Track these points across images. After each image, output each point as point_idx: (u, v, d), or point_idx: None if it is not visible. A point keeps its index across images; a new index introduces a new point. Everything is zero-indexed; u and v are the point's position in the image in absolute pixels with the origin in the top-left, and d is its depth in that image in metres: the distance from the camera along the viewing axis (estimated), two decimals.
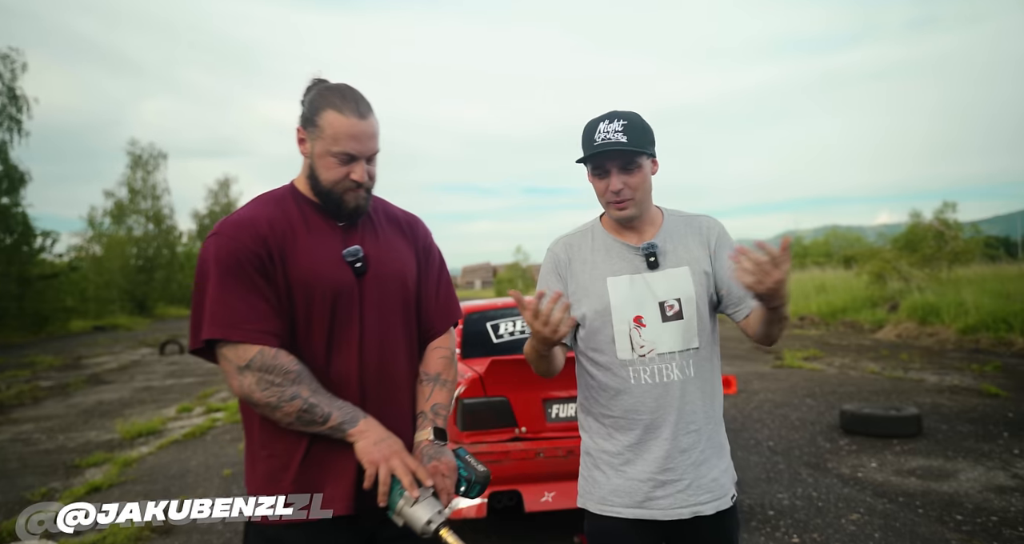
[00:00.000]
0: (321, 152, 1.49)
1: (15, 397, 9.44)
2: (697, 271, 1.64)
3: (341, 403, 1.44)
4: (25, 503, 4.59)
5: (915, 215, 18.79)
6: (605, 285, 1.65)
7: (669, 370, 1.61)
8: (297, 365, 1.43)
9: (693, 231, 1.70)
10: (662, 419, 1.61)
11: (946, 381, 8.01)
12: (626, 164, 1.60)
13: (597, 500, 1.67)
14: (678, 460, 1.61)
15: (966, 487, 4.28)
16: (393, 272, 1.59)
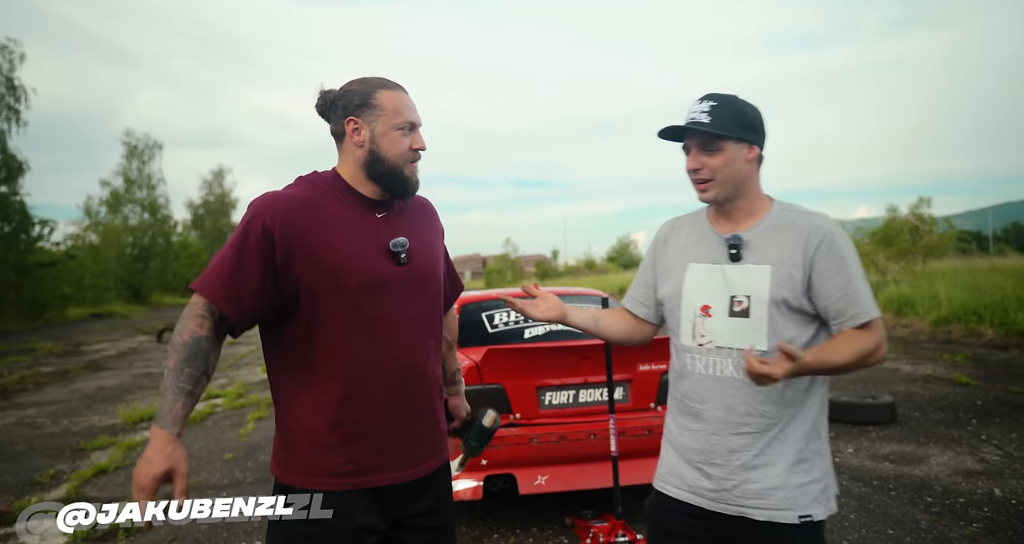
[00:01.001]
0: (384, 129, 1.58)
1: (18, 382, 9.59)
2: (781, 272, 1.55)
3: (172, 397, 1.42)
4: (35, 484, 4.77)
5: (892, 210, 19.04)
6: (685, 270, 1.67)
7: (724, 365, 1.58)
8: (191, 337, 1.46)
9: (795, 230, 1.58)
10: (710, 412, 1.60)
11: (920, 370, 8.24)
12: (705, 144, 1.58)
13: (658, 475, 1.73)
14: (726, 458, 1.58)
15: (936, 471, 4.49)
16: (431, 263, 1.69)
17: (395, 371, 1.59)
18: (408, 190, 1.64)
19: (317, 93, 1.65)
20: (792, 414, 1.57)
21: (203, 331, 1.47)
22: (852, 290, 1.54)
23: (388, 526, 1.62)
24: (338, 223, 1.57)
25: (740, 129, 1.58)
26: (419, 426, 1.65)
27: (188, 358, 1.44)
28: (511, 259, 53.17)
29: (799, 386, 1.58)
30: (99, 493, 4.51)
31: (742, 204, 1.64)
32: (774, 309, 1.55)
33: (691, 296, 1.64)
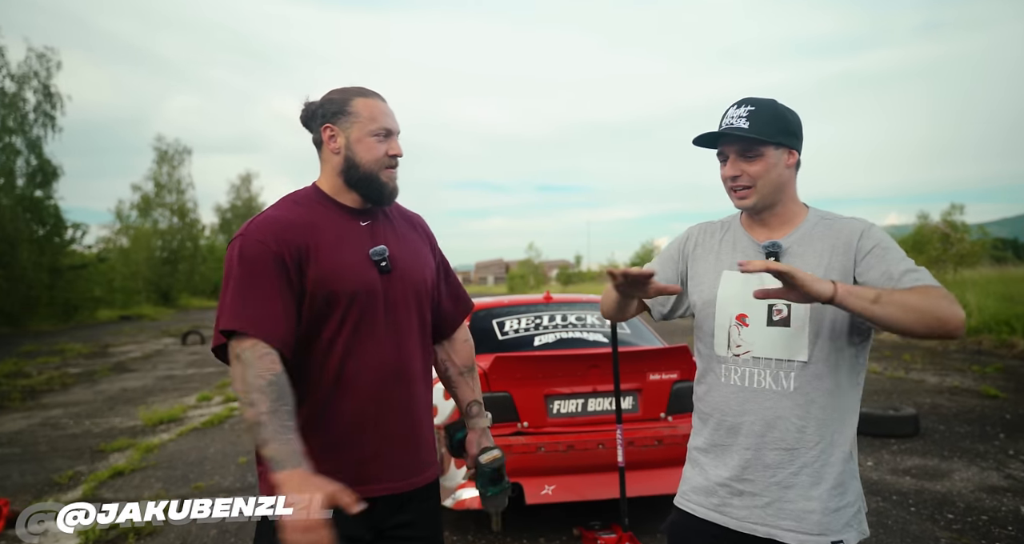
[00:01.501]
0: (359, 136, 1.60)
1: (45, 383, 9.81)
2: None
3: (286, 438, 1.39)
4: (53, 485, 4.85)
5: (923, 217, 18.62)
6: (719, 278, 1.60)
7: (762, 377, 1.51)
8: (273, 375, 1.42)
9: (833, 235, 1.52)
10: (744, 426, 1.52)
11: (947, 382, 8.03)
12: (744, 150, 1.53)
13: (680, 493, 1.66)
14: (759, 474, 1.50)
15: (959, 487, 4.36)
16: (415, 271, 1.68)
17: (382, 381, 1.59)
18: (384, 196, 1.64)
19: (302, 104, 1.67)
20: (833, 432, 1.49)
21: (278, 367, 1.44)
22: (905, 270, 1.42)
23: (372, 536, 1.61)
24: (324, 236, 1.58)
25: (780, 134, 1.53)
26: (407, 438, 1.63)
27: (279, 397, 1.41)
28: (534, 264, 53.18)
29: (842, 402, 1.50)
30: (114, 495, 4.57)
31: (779, 211, 1.58)
32: (817, 316, 1.47)
33: (726, 305, 1.57)
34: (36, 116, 24.83)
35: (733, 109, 1.56)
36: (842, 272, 1.48)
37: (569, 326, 4.28)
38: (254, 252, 1.51)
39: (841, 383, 1.49)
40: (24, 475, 5.12)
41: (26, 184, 24.25)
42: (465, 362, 1.87)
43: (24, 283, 22.01)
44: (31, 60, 24.76)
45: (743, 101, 1.56)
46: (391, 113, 1.66)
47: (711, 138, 1.58)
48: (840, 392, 1.49)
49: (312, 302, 1.53)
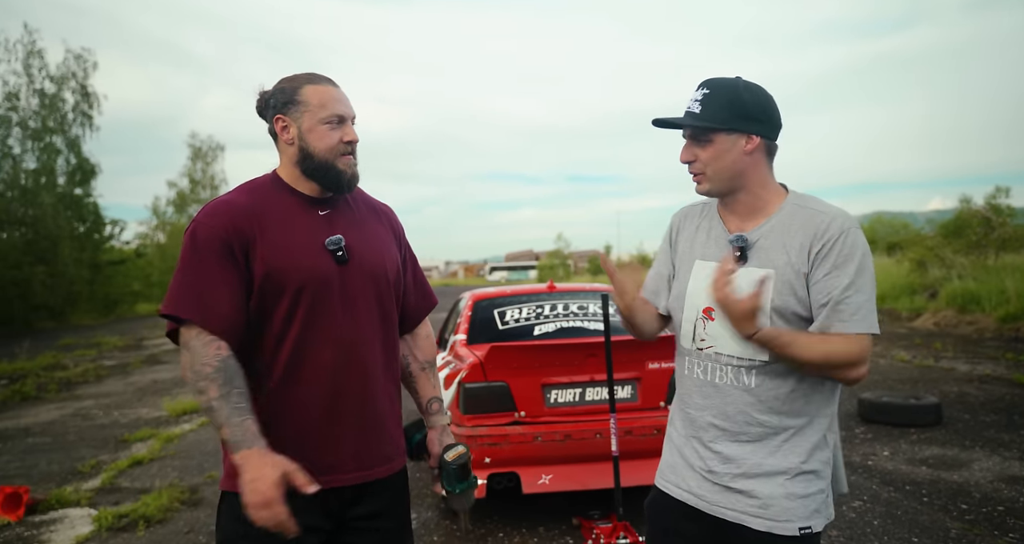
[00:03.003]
0: (310, 125, 1.57)
1: (81, 375, 10.15)
2: (783, 279, 1.43)
3: (239, 420, 1.41)
4: (76, 473, 5.03)
5: (965, 201, 17.93)
6: (691, 267, 1.58)
7: (724, 373, 1.50)
8: (219, 361, 1.44)
9: (805, 229, 1.45)
10: (706, 419, 1.52)
11: (977, 370, 7.76)
12: (696, 135, 1.50)
13: (659, 472, 1.67)
14: (722, 466, 1.50)
15: (977, 477, 4.22)
16: (375, 262, 1.65)
17: (336, 371, 1.58)
18: (343, 184, 1.62)
19: (257, 93, 1.66)
20: (799, 426, 1.46)
21: (224, 351, 1.46)
22: (846, 297, 1.38)
23: (332, 527, 1.61)
24: (278, 223, 1.57)
25: (733, 119, 1.46)
26: (363, 430, 1.62)
27: (228, 381, 1.43)
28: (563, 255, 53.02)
29: (808, 396, 1.46)
30: (131, 484, 4.72)
31: (744, 199, 1.52)
32: (776, 318, 1.43)
33: (694, 297, 1.54)
34: (75, 116, 25.54)
35: (693, 92, 1.52)
36: (803, 271, 1.43)
37: (571, 315, 4.26)
38: (202, 237, 1.51)
39: (806, 382, 1.46)
40: (51, 464, 5.31)
41: (66, 182, 25.02)
42: (427, 357, 1.87)
43: (66, 279, 22.74)
44: (69, 61, 25.46)
45: (702, 83, 1.51)
46: (343, 98, 1.62)
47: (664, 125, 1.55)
48: (804, 390, 1.46)
49: (261, 290, 1.53)
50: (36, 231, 22.63)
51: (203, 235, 1.51)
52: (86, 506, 4.25)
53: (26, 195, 23.14)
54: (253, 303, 1.54)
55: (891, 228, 31.34)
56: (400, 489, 1.74)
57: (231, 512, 1.54)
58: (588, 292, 4.61)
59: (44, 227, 22.49)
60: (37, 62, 24.57)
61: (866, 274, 1.41)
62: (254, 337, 1.55)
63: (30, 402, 8.23)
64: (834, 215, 1.45)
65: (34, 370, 10.55)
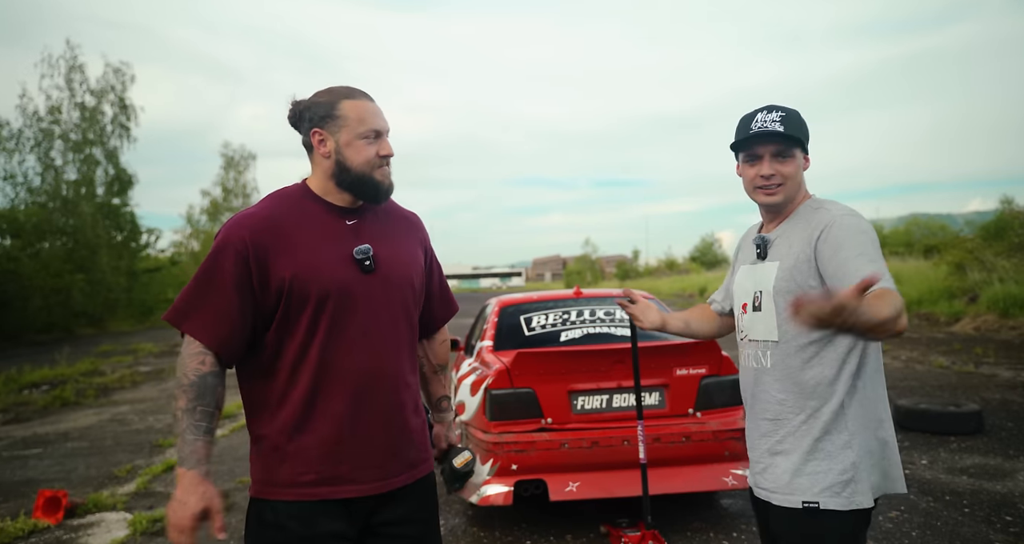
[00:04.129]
0: (348, 140, 1.59)
1: (117, 381, 10.39)
2: (785, 266, 1.63)
3: (192, 438, 1.47)
4: (113, 478, 5.14)
5: (1006, 202, 17.45)
6: (736, 271, 1.85)
7: (756, 357, 1.71)
8: (196, 376, 1.49)
9: (806, 224, 1.65)
10: (749, 401, 1.75)
11: (1021, 377, 7.51)
12: (781, 151, 1.66)
13: None
14: (758, 443, 1.70)
15: (1023, 487, 4.07)
16: (402, 272, 1.66)
17: (360, 380, 1.58)
18: (380, 194, 1.65)
19: (289, 104, 1.68)
20: (815, 406, 1.60)
21: (206, 367, 1.50)
22: (853, 265, 1.47)
23: (358, 533, 1.62)
24: (303, 234, 1.59)
25: (806, 139, 1.69)
26: (387, 438, 1.63)
27: (198, 396, 1.48)
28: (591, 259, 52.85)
29: (820, 378, 1.59)
30: (165, 488, 4.81)
31: (787, 207, 1.72)
32: (780, 301, 1.62)
33: (737, 295, 1.81)
34: (113, 128, 26.33)
35: (763, 114, 1.68)
36: (806, 258, 1.60)
37: (597, 321, 4.23)
38: (221, 248, 1.54)
39: (815, 361, 1.60)
40: (88, 468, 5.45)
41: (105, 193, 25.75)
42: (440, 361, 1.92)
43: (104, 286, 23.37)
44: (108, 75, 26.28)
45: (771, 107, 1.69)
46: (379, 113, 1.65)
47: (743, 142, 1.70)
48: (814, 368, 1.60)
49: (286, 299, 1.54)
50: (76, 240, 23.32)
51: (220, 248, 1.54)
52: (122, 510, 4.34)
53: (67, 205, 23.87)
54: (279, 311, 1.55)
55: (928, 230, 30.58)
56: (427, 494, 1.74)
57: (260, 518, 1.57)
58: (615, 298, 4.57)
59: (83, 236, 23.17)
60: (78, 76, 25.40)
61: (865, 244, 1.51)
62: (280, 344, 1.56)
63: (69, 407, 8.46)
64: (832, 208, 1.64)
65: (73, 376, 10.85)
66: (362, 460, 1.59)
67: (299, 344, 1.56)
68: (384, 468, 1.62)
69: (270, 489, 1.57)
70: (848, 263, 1.49)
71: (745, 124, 1.70)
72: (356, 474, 1.59)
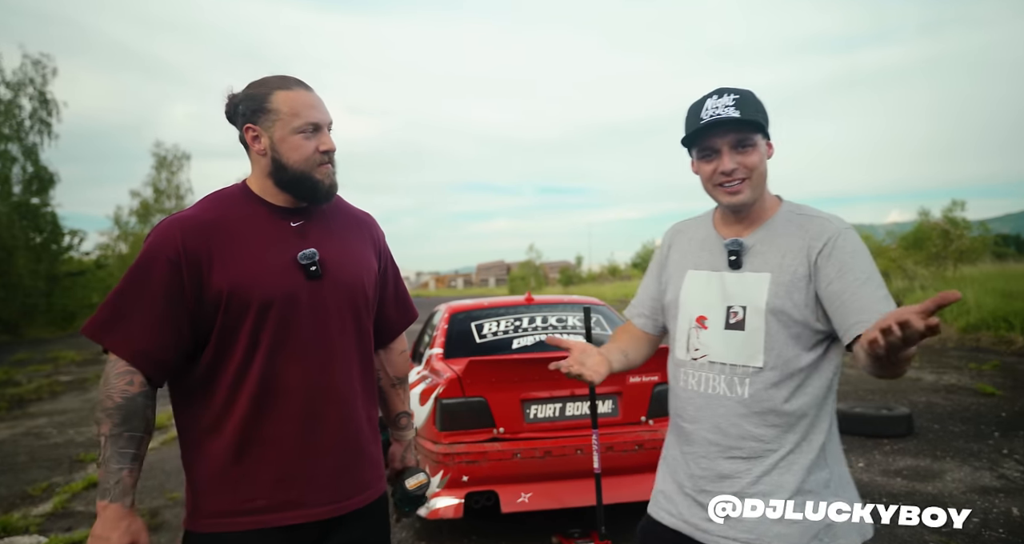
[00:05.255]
0: (283, 135, 1.47)
1: (34, 392, 9.71)
2: (780, 281, 1.40)
3: (117, 467, 1.35)
4: (26, 497, 4.76)
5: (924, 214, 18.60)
6: (683, 277, 1.54)
7: (716, 382, 1.44)
8: (122, 398, 1.36)
9: (800, 233, 1.43)
10: (700, 433, 1.46)
11: (943, 380, 7.91)
12: (740, 141, 1.42)
13: (652, 497, 1.59)
14: (717, 484, 1.44)
15: (951, 488, 4.25)
16: (352, 276, 1.55)
17: (308, 397, 1.47)
18: (320, 194, 1.52)
19: (225, 97, 1.55)
20: (794, 441, 1.40)
21: (134, 388, 1.37)
22: (858, 295, 1.33)
23: None
24: (243, 238, 1.47)
25: (766, 122, 1.44)
26: (339, 458, 1.52)
27: (124, 420, 1.35)
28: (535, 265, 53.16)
29: (804, 410, 1.40)
30: (86, 508, 4.48)
31: (758, 206, 1.48)
32: (772, 321, 1.39)
33: (688, 306, 1.51)
34: (32, 123, 24.80)
35: (713, 100, 1.44)
36: (803, 274, 1.39)
37: (549, 328, 4.19)
38: (150, 255, 1.41)
39: (801, 392, 1.40)
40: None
41: (22, 191, 24.23)
42: (398, 374, 1.79)
43: (21, 291, 21.96)
44: (26, 67, 24.75)
45: (723, 90, 1.45)
46: (318, 104, 1.51)
47: (694, 136, 1.47)
48: (800, 399, 1.40)
49: (225, 310, 1.42)
50: None
51: (148, 255, 1.41)
52: (35, 533, 4.02)
53: None
54: (217, 324, 1.43)
55: None
56: (379, 517, 1.64)
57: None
58: (567, 305, 4.55)
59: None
60: None
61: (868, 268, 1.38)
62: (218, 361, 1.44)
63: None
64: (828, 218, 1.44)
65: None
66: (312, 482, 1.48)
67: (239, 360, 1.43)
68: (336, 490, 1.51)
69: (209, 521, 1.45)
70: (861, 290, 1.33)
71: (695, 113, 1.46)
72: (306, 498, 1.48)
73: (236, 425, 1.43)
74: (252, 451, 1.44)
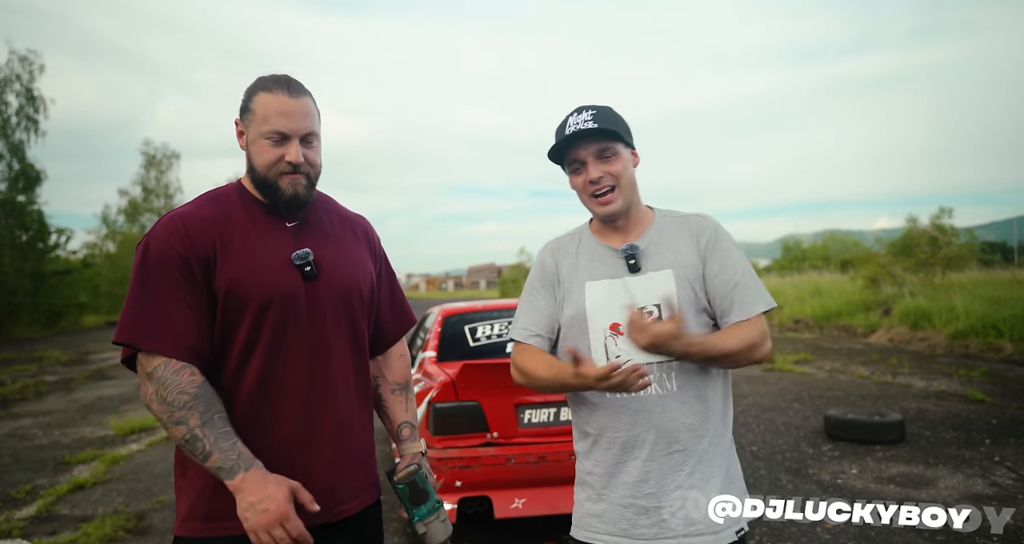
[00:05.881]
0: (254, 136, 1.45)
1: (19, 392, 9.57)
2: (682, 275, 1.51)
3: (228, 445, 1.34)
4: (9, 500, 4.68)
5: (912, 220, 18.82)
6: (584, 290, 1.56)
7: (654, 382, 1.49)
8: (196, 388, 1.34)
9: (684, 231, 1.57)
10: (639, 437, 1.49)
11: (933, 386, 7.95)
12: (602, 151, 1.53)
13: (579, 523, 1.57)
14: (660, 484, 1.47)
15: (944, 495, 4.25)
16: (347, 277, 1.54)
17: (305, 397, 1.45)
18: (280, 204, 1.48)
19: None
20: (716, 424, 1.52)
21: (199, 377, 1.36)
22: (740, 284, 1.52)
23: None
24: (240, 236, 1.45)
25: (625, 133, 1.56)
26: (333, 462, 1.49)
27: (208, 407, 1.34)
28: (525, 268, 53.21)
29: (720, 393, 1.54)
30: (71, 511, 4.40)
31: (633, 214, 1.60)
32: (685, 312, 1.48)
33: (596, 316, 1.53)
34: (18, 120, 24.56)
35: (574, 117, 1.55)
36: (696, 266, 1.53)
37: None
38: (156, 255, 1.38)
39: (712, 375, 1.53)
40: None
41: (8, 189, 23.96)
42: (398, 379, 1.73)
43: (6, 289, 21.72)
44: (13, 63, 24.52)
45: (581, 108, 1.56)
46: (294, 112, 1.44)
47: (560, 151, 1.57)
48: (713, 380, 1.53)
49: (223, 308, 1.40)
50: None
51: (157, 253, 1.38)
52: (18, 537, 3.93)
53: None
54: (216, 322, 1.41)
55: (843, 245, 32.38)
56: (372, 525, 1.61)
57: None
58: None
59: None
60: None
61: (743, 259, 1.56)
62: (215, 360, 1.42)
63: None
64: (701, 215, 1.61)
65: None
66: (309, 487, 1.44)
67: (237, 360, 1.41)
68: (330, 495, 1.48)
69: (201, 525, 1.41)
70: (737, 286, 1.51)
71: (560, 131, 1.56)
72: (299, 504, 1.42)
73: (233, 426, 1.39)
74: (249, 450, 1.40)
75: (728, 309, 1.50)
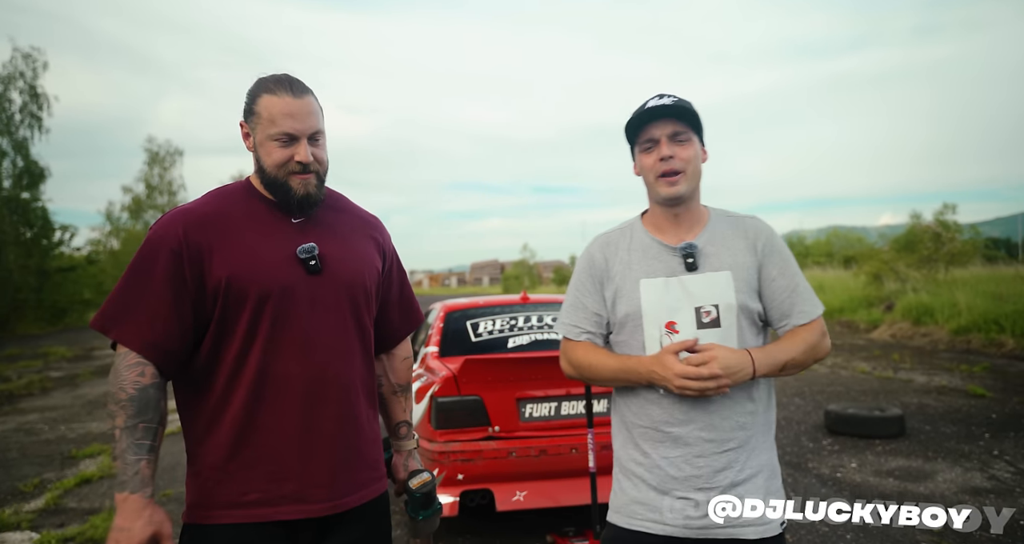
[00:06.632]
0: (262, 139, 1.48)
1: (25, 387, 9.65)
2: (740, 277, 1.52)
3: (134, 458, 1.34)
4: (17, 494, 4.73)
5: (915, 216, 18.78)
6: (638, 287, 1.55)
7: None
8: (136, 389, 1.36)
9: (739, 233, 1.57)
10: (694, 434, 1.50)
11: (934, 382, 7.97)
12: (677, 134, 1.52)
13: (621, 510, 1.58)
14: (713, 480, 1.49)
15: (942, 488, 4.28)
16: (352, 272, 1.56)
17: (305, 389, 1.47)
18: (292, 203, 1.51)
19: None
20: (761, 422, 1.55)
21: (146, 379, 1.37)
22: (798, 288, 1.56)
23: None
24: (243, 232, 1.48)
25: (701, 127, 1.58)
26: (337, 454, 1.51)
27: (138, 412, 1.35)
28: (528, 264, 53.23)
29: (766, 390, 1.56)
30: (78, 504, 4.46)
31: (693, 207, 1.59)
32: (741, 316, 1.52)
33: (653, 314, 1.53)
34: (22, 117, 24.61)
35: (655, 99, 1.56)
36: (753, 270, 1.55)
37: (545, 327, 4.19)
38: (153, 247, 1.43)
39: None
40: None
41: (12, 186, 24.03)
42: (400, 380, 1.78)
43: (11, 286, 21.80)
44: (16, 60, 24.56)
45: (662, 94, 1.57)
46: (299, 112, 1.47)
47: (634, 130, 1.57)
48: (761, 383, 1.55)
49: (223, 301, 1.43)
50: None
51: (152, 247, 1.43)
52: (27, 529, 3.99)
53: None
54: (215, 315, 1.44)
55: (847, 242, 32.31)
56: (379, 517, 1.63)
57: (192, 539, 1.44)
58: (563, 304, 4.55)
59: None
60: None
61: (795, 263, 1.60)
62: (216, 351, 1.45)
63: None
64: (752, 216, 1.63)
65: None
66: (310, 478, 1.47)
67: (236, 352, 1.44)
68: (334, 487, 1.50)
69: (207, 513, 1.44)
70: (795, 290, 1.55)
71: (637, 109, 1.58)
72: (303, 493, 1.47)
73: (234, 417, 1.43)
74: (249, 444, 1.44)
75: (787, 313, 1.54)
